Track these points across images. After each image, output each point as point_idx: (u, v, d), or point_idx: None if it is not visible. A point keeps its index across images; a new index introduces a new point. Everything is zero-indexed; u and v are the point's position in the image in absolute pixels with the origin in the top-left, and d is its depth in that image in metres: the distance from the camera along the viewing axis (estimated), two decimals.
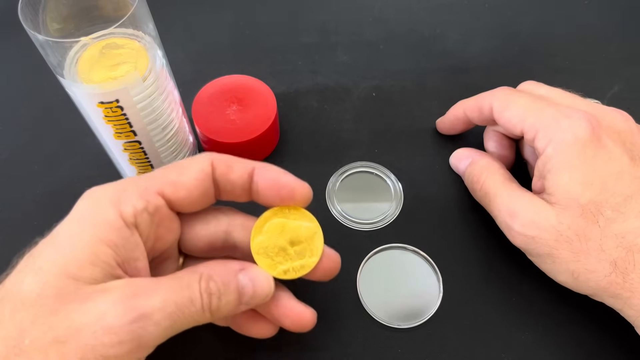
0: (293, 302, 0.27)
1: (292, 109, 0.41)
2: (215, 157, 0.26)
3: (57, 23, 0.27)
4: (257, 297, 0.24)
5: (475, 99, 0.34)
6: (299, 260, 0.26)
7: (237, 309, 0.24)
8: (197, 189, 0.25)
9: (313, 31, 0.46)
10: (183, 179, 0.25)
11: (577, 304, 0.31)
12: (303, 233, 0.27)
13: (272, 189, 0.26)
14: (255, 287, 0.24)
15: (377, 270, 0.33)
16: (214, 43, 0.45)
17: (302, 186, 0.26)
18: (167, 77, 0.30)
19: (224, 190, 0.26)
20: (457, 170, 0.36)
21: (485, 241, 0.34)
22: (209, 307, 0.23)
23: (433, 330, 0.31)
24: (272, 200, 0.26)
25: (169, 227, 0.26)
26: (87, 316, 0.21)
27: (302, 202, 0.26)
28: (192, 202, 0.26)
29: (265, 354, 0.30)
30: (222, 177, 0.26)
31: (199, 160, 0.26)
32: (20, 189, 0.37)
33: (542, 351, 0.30)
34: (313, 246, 0.27)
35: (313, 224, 0.27)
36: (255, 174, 0.26)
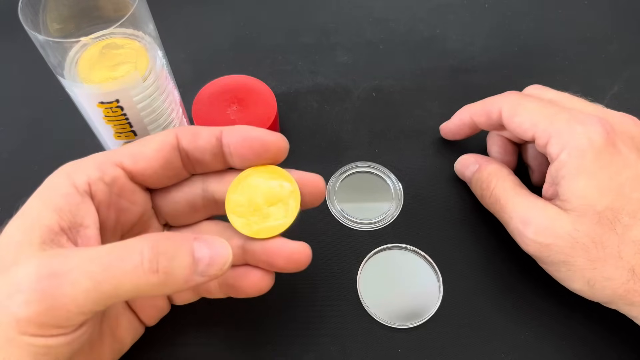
0: (283, 241, 0.26)
1: (292, 109, 0.41)
2: (181, 129, 0.26)
3: (57, 23, 0.27)
4: (214, 265, 0.22)
5: (482, 103, 0.34)
6: (274, 220, 0.26)
7: (191, 278, 0.22)
8: (157, 160, 0.25)
9: (313, 31, 0.46)
10: (143, 150, 0.25)
11: (578, 304, 0.31)
12: (279, 192, 0.26)
13: (243, 146, 0.25)
14: (212, 253, 0.22)
15: (377, 270, 0.33)
16: (214, 43, 0.45)
17: (275, 137, 0.26)
18: (167, 77, 0.30)
19: (194, 160, 0.26)
20: (462, 176, 0.36)
21: (486, 241, 0.34)
22: (156, 267, 0.21)
23: (433, 330, 0.31)
24: (247, 159, 0.26)
25: (131, 198, 0.26)
26: (6, 279, 0.20)
27: (277, 153, 0.26)
28: (155, 173, 0.25)
29: (266, 353, 0.30)
30: (189, 145, 0.25)
31: (163, 133, 0.26)
32: (20, 189, 0.37)
33: (542, 351, 0.30)
34: (288, 206, 0.26)
35: (290, 183, 0.26)
36: (224, 135, 0.25)
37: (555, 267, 0.29)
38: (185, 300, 0.30)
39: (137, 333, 0.28)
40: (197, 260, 0.22)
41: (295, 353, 0.30)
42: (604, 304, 0.28)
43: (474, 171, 0.34)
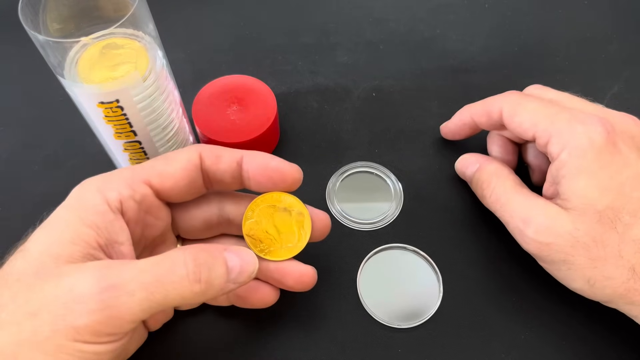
0: (294, 262, 0.28)
1: (292, 109, 0.41)
2: (204, 148, 0.27)
3: (57, 23, 0.27)
4: (244, 273, 0.24)
5: (482, 103, 0.34)
6: (288, 243, 0.28)
7: (226, 286, 0.24)
8: (183, 179, 0.26)
9: (313, 31, 0.46)
10: (169, 170, 0.26)
11: (578, 304, 0.31)
12: (293, 218, 0.28)
13: (262, 174, 0.27)
14: (242, 262, 0.24)
15: (377, 270, 0.33)
16: (214, 43, 0.45)
17: (291, 168, 0.27)
18: (167, 77, 0.30)
19: (214, 179, 0.27)
20: (463, 176, 0.36)
21: (486, 241, 0.34)
22: (199, 277, 0.23)
23: (433, 330, 0.31)
24: (264, 185, 0.27)
25: (157, 215, 0.27)
26: (60, 289, 0.21)
27: (293, 183, 0.27)
28: (179, 191, 0.27)
29: (266, 353, 0.30)
30: (211, 167, 0.27)
31: (187, 152, 0.27)
32: (20, 189, 0.37)
33: (542, 351, 0.30)
34: (301, 230, 0.28)
35: (303, 211, 0.28)
36: (244, 161, 0.27)
37: (555, 266, 0.29)
38: (190, 307, 0.31)
39: (142, 338, 0.29)
40: (230, 269, 0.24)
41: (295, 353, 0.30)
42: (604, 303, 0.28)
43: (475, 171, 0.34)
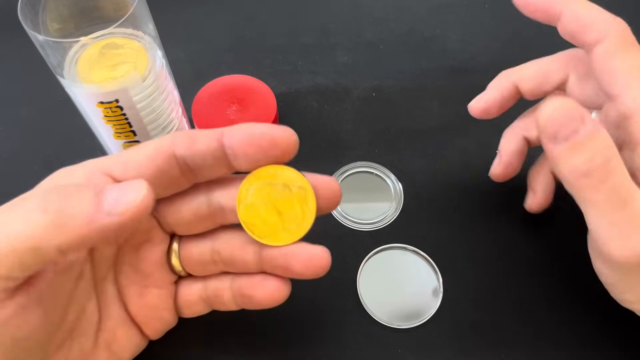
0: (301, 244, 0.24)
1: (292, 109, 0.41)
2: (177, 134, 0.24)
3: (57, 23, 0.27)
4: (121, 201, 0.20)
5: (534, 65, 0.30)
6: (291, 224, 0.24)
7: (96, 217, 0.20)
8: (149, 169, 0.23)
9: (313, 31, 0.46)
10: (133, 157, 0.23)
11: (578, 304, 0.31)
12: (293, 194, 0.24)
13: (249, 144, 0.23)
14: (118, 189, 0.21)
15: (377, 270, 0.33)
16: (214, 43, 0.45)
17: (282, 131, 0.23)
18: (167, 77, 0.30)
19: (194, 166, 0.23)
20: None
21: (486, 241, 0.34)
22: (44, 207, 0.20)
23: (433, 330, 0.31)
24: (254, 159, 0.23)
25: None
26: None
27: (286, 149, 0.23)
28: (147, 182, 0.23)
29: (265, 353, 0.30)
30: (187, 151, 0.23)
31: (157, 139, 0.24)
32: (20, 189, 0.37)
33: (542, 351, 0.30)
34: (305, 208, 0.24)
35: (303, 183, 0.24)
36: (225, 136, 0.23)
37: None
38: (195, 312, 0.28)
39: (138, 347, 0.27)
40: (101, 196, 0.20)
41: (295, 353, 0.30)
42: None
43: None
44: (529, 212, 0.33)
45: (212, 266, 0.27)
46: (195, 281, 0.28)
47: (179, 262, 0.27)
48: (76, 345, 0.24)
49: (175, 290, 0.28)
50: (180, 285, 0.28)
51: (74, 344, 0.24)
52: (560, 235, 0.34)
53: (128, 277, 0.26)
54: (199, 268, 0.27)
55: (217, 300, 0.27)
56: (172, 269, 0.27)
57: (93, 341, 0.25)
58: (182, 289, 0.28)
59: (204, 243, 0.26)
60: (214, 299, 0.27)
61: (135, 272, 0.26)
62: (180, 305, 0.28)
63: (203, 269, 0.27)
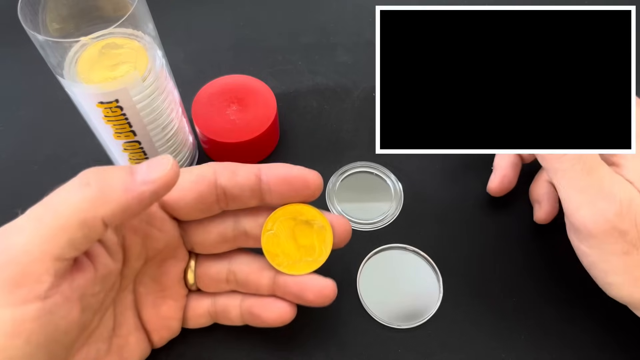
0: (313, 276, 0.27)
1: (292, 109, 0.41)
2: (218, 165, 0.26)
3: (57, 23, 0.27)
4: (153, 169, 0.22)
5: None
6: (309, 256, 0.27)
7: (134, 186, 0.22)
8: (191, 193, 0.26)
9: (313, 31, 0.46)
10: (178, 182, 0.25)
11: (578, 304, 0.31)
12: (313, 230, 0.27)
13: (284, 183, 0.26)
14: (148, 162, 0.23)
15: (377, 270, 0.33)
16: (214, 43, 0.45)
17: (314, 175, 0.26)
18: (167, 77, 0.30)
19: (231, 196, 0.26)
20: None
21: (486, 241, 0.34)
22: (87, 181, 0.22)
23: (433, 330, 0.31)
24: (286, 195, 0.26)
25: (160, 227, 0.26)
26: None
27: (315, 190, 0.26)
28: (186, 206, 0.26)
29: (265, 353, 0.30)
30: (229, 182, 0.26)
31: (200, 167, 0.26)
32: (20, 189, 0.37)
33: (542, 351, 0.30)
34: (322, 245, 0.27)
35: (323, 222, 0.27)
36: (263, 173, 0.26)
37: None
38: (199, 324, 0.30)
39: (144, 354, 0.28)
40: (133, 170, 0.23)
41: (295, 353, 0.30)
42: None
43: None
44: (539, 224, 0.33)
45: (224, 285, 0.29)
46: (204, 296, 0.29)
47: (193, 277, 0.29)
48: (92, 350, 0.25)
49: (186, 303, 0.29)
50: (189, 298, 0.29)
51: (91, 349, 0.25)
52: (560, 235, 0.34)
53: (147, 288, 0.28)
54: (212, 285, 0.29)
55: (223, 315, 0.29)
56: (186, 283, 0.29)
57: (107, 346, 0.26)
58: (192, 302, 0.29)
59: (222, 263, 0.28)
60: (221, 314, 0.29)
61: (155, 284, 0.28)
62: (187, 317, 0.29)
63: (215, 286, 0.29)
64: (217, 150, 0.36)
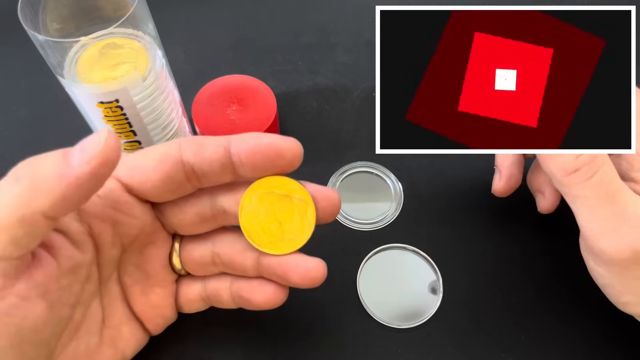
0: (299, 256, 0.25)
1: (292, 109, 0.41)
2: (184, 140, 0.24)
3: (57, 23, 0.27)
4: (87, 149, 0.20)
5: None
6: (290, 234, 0.25)
7: (68, 172, 0.20)
8: (156, 173, 0.24)
9: (313, 31, 0.46)
10: (141, 163, 0.24)
11: (578, 304, 0.31)
12: (294, 205, 0.25)
13: (256, 153, 0.23)
14: (81, 143, 0.21)
15: (377, 270, 0.33)
16: (214, 43, 0.45)
17: (289, 142, 0.24)
18: (167, 77, 0.30)
19: (200, 172, 0.24)
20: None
21: (486, 241, 0.34)
22: (17, 176, 0.21)
23: (433, 331, 0.31)
24: (260, 168, 0.24)
25: (129, 212, 0.25)
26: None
27: (293, 159, 0.24)
28: (153, 187, 0.24)
29: (265, 353, 0.30)
30: (195, 157, 0.23)
31: (165, 144, 0.24)
32: None
33: (542, 351, 0.30)
34: (304, 220, 0.25)
35: (304, 196, 0.25)
36: (233, 145, 0.23)
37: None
38: (194, 309, 0.29)
39: (140, 343, 0.28)
40: (67, 154, 0.21)
41: (295, 353, 0.30)
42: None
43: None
44: (543, 214, 0.33)
45: (212, 267, 0.27)
46: (195, 280, 0.28)
47: (179, 262, 0.28)
48: (82, 343, 0.25)
49: (176, 288, 0.28)
50: (180, 283, 0.28)
51: (80, 343, 0.25)
52: (560, 235, 0.34)
53: (132, 277, 0.27)
54: (199, 268, 0.28)
55: (216, 299, 0.28)
56: (173, 268, 0.28)
57: (98, 338, 0.26)
58: (183, 288, 0.28)
59: (205, 245, 0.27)
60: (213, 297, 0.28)
61: (140, 272, 0.27)
62: (180, 303, 0.28)
63: (203, 270, 0.28)
64: None
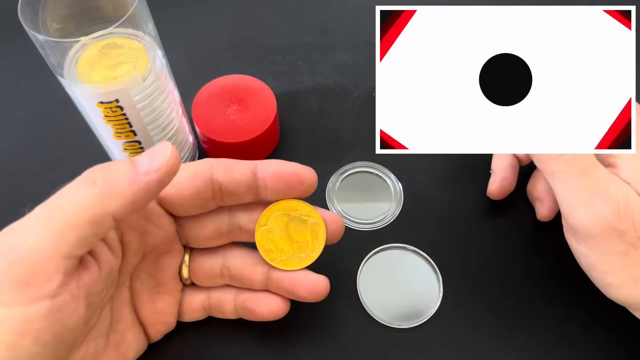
0: (306, 272, 0.28)
1: (292, 109, 0.41)
2: (215, 161, 0.27)
3: (57, 23, 0.27)
4: (155, 158, 0.22)
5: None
6: (302, 252, 0.28)
7: (139, 178, 0.22)
8: (188, 189, 0.26)
9: (313, 31, 0.46)
10: (175, 178, 0.25)
11: (578, 304, 0.31)
12: (306, 226, 0.28)
13: (279, 179, 0.26)
14: (148, 152, 0.23)
15: (377, 270, 0.33)
16: (214, 43, 0.45)
17: (308, 171, 0.27)
18: (167, 77, 0.30)
19: (227, 191, 0.26)
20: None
21: (486, 241, 0.34)
22: (92, 180, 0.22)
23: (433, 330, 0.31)
24: (281, 192, 0.27)
25: (157, 222, 0.27)
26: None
27: (310, 187, 0.27)
28: (183, 202, 0.26)
29: (265, 353, 0.30)
30: (224, 177, 0.26)
31: (197, 163, 0.27)
32: (20, 189, 0.37)
33: (541, 351, 0.30)
34: (315, 241, 0.28)
35: (316, 218, 0.28)
36: (259, 169, 0.26)
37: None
38: (194, 318, 0.30)
39: (141, 348, 0.28)
40: (135, 162, 0.23)
41: (295, 353, 0.30)
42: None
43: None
44: (542, 221, 0.33)
45: (219, 279, 0.29)
46: (199, 290, 0.29)
47: (187, 272, 0.29)
48: (92, 346, 0.25)
49: (180, 297, 0.29)
50: (184, 292, 0.29)
51: (90, 345, 0.25)
52: (560, 235, 0.34)
53: (143, 284, 0.28)
54: (206, 279, 0.29)
55: (218, 309, 0.29)
56: (180, 278, 0.29)
57: (105, 342, 0.26)
58: (186, 297, 0.29)
59: (216, 258, 0.29)
60: (215, 308, 0.29)
61: (151, 280, 0.28)
62: (182, 311, 0.29)
63: (210, 281, 0.29)
64: (217, 150, 0.36)
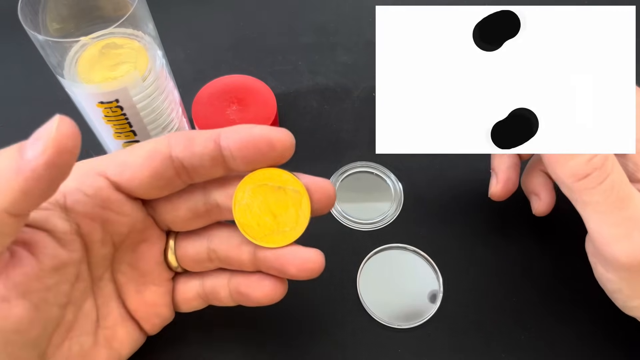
0: (295, 248, 0.25)
1: (292, 109, 0.41)
2: (173, 135, 0.24)
3: (57, 23, 0.27)
4: (40, 139, 0.20)
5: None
6: (285, 227, 0.25)
7: (24, 163, 0.20)
8: (145, 170, 0.23)
9: (313, 31, 0.46)
10: (129, 159, 0.23)
11: (578, 304, 0.31)
12: (288, 198, 0.24)
13: (246, 146, 0.23)
14: (34, 133, 0.20)
15: (377, 270, 0.33)
16: (214, 43, 0.45)
17: (280, 133, 0.23)
18: (167, 77, 0.30)
19: (190, 167, 0.23)
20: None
21: (486, 241, 0.34)
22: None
23: (433, 330, 0.31)
24: (252, 160, 0.23)
25: (118, 209, 0.24)
26: None
27: (284, 151, 0.23)
28: (142, 184, 0.24)
29: (265, 353, 0.30)
30: (183, 152, 0.23)
31: (154, 140, 0.24)
32: None
33: (542, 351, 0.30)
34: (299, 212, 0.25)
35: (299, 188, 0.24)
36: (222, 137, 0.23)
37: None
38: (192, 308, 0.28)
39: (137, 343, 0.27)
40: (22, 147, 0.20)
41: (295, 353, 0.30)
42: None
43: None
44: (538, 216, 0.33)
45: (209, 263, 0.27)
46: (192, 277, 0.28)
47: (175, 259, 0.27)
48: (76, 344, 0.24)
49: (173, 286, 0.28)
50: (177, 281, 0.28)
51: (73, 344, 0.24)
52: (560, 235, 0.34)
53: (126, 276, 0.26)
54: (196, 265, 0.27)
55: (214, 296, 0.28)
56: (169, 265, 0.27)
57: (93, 339, 0.25)
58: (179, 286, 0.28)
59: (200, 241, 0.27)
60: (210, 295, 0.28)
61: (133, 271, 0.27)
62: (177, 301, 0.28)
63: (199, 266, 0.27)
64: None
